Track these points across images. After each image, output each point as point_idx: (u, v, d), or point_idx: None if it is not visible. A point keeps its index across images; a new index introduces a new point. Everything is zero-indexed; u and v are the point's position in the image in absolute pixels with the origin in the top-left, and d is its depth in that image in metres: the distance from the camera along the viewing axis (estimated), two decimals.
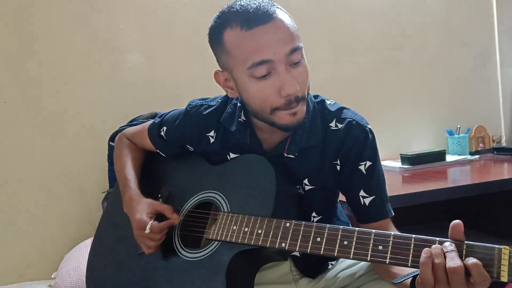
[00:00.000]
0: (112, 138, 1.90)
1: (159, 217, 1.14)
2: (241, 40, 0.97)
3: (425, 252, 0.77)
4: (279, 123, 1.03)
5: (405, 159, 2.25)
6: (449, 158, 2.36)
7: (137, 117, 1.99)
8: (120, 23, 2.05)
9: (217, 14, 1.04)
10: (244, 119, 1.13)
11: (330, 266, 1.23)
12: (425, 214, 2.32)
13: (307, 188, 1.13)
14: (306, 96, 1.04)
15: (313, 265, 1.21)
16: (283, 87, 0.97)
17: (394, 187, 1.82)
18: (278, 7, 1.01)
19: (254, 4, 0.98)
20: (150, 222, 1.09)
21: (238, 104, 1.15)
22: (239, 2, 1.00)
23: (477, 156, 2.44)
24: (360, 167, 1.09)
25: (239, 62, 0.99)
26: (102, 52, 2.03)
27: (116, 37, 2.05)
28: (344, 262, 1.23)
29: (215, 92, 1.29)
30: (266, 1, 1.00)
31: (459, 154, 2.47)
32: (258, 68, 0.97)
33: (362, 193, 1.09)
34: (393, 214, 1.12)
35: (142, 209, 1.14)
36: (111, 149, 1.90)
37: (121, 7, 2.05)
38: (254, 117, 1.09)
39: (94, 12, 2.01)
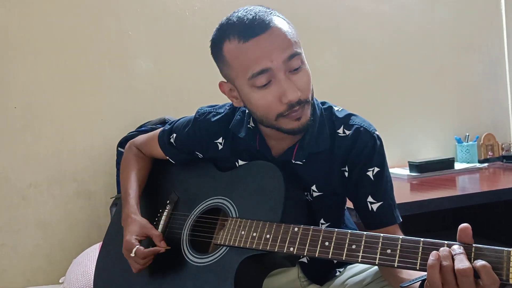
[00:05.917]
0: (121, 144, 1.92)
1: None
2: (239, 52, 0.98)
3: (433, 255, 0.76)
4: (285, 128, 1.03)
5: (413, 166, 2.24)
6: (458, 166, 2.35)
7: (146, 123, 2.00)
8: (130, 29, 2.07)
9: (217, 26, 1.05)
10: (253, 125, 1.14)
11: (337, 273, 1.22)
12: (433, 222, 2.31)
13: (315, 194, 1.14)
14: (310, 99, 1.04)
15: (320, 272, 1.21)
16: (284, 94, 0.97)
17: (402, 194, 1.81)
18: (275, 14, 1.00)
19: (250, 15, 0.98)
20: (136, 247, 1.11)
21: (247, 111, 1.16)
22: (236, 14, 1.01)
23: (486, 164, 2.42)
24: (368, 173, 1.09)
25: (239, 73, 1.00)
26: (112, 58, 2.05)
27: (126, 43, 2.07)
28: (352, 269, 1.22)
29: (224, 98, 1.29)
30: (263, 9, 1.00)
31: (468, 162, 2.45)
32: (259, 78, 0.97)
33: (370, 199, 1.09)
34: (401, 220, 1.12)
35: (133, 230, 1.16)
36: (119, 154, 1.91)
37: (131, 14, 2.07)
38: (261, 124, 1.10)
39: (104, 19, 2.03)
